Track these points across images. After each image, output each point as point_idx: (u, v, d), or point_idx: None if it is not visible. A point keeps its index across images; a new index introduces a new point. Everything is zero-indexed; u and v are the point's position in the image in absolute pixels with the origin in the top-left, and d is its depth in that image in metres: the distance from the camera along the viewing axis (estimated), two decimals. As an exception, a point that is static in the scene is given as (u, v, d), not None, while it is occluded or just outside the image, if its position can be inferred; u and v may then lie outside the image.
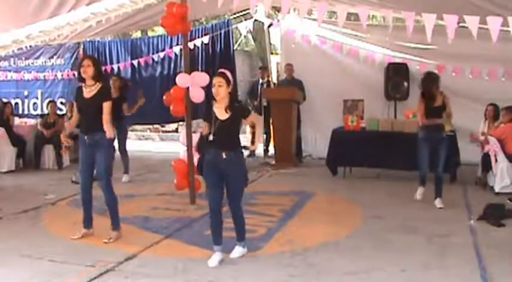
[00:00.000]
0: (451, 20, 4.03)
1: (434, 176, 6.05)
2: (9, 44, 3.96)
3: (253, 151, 9.75)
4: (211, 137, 4.09)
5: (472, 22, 3.94)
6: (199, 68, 9.95)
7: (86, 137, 4.71)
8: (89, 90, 4.73)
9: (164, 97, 6.24)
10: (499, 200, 6.02)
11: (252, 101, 10.36)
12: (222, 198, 4.18)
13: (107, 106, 4.72)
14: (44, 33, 4.01)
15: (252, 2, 4.65)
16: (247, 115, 4.28)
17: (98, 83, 4.73)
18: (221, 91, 4.08)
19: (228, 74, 4.16)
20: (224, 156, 4.06)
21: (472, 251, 4.43)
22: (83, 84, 4.78)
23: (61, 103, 11.17)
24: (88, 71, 4.68)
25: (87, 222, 4.88)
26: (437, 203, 5.97)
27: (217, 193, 4.13)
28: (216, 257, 4.13)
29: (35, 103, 11.59)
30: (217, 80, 4.10)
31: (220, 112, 4.10)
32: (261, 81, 10.14)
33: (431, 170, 6.07)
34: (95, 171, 4.84)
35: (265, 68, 10.66)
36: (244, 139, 11.75)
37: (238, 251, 4.27)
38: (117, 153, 7.63)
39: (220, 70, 4.25)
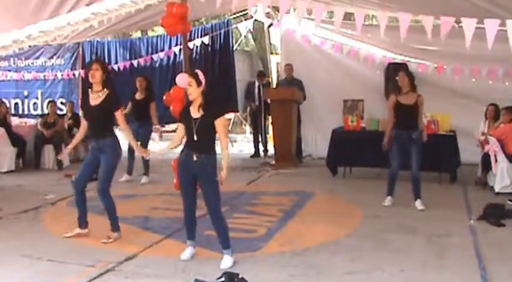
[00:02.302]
0: (446, 23, 4.02)
1: (410, 176, 5.95)
2: (9, 44, 3.95)
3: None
4: (194, 137, 4.03)
5: (469, 25, 3.93)
6: (199, 68, 9.95)
7: (93, 141, 4.73)
8: (96, 97, 4.66)
9: (164, 97, 6.25)
10: (499, 200, 6.02)
11: (248, 103, 10.38)
12: (195, 198, 4.19)
13: (119, 116, 4.72)
14: (44, 34, 4.00)
15: (250, 1, 4.65)
16: (219, 116, 4.07)
17: (105, 89, 4.65)
18: (191, 91, 4.06)
19: (200, 74, 4.11)
20: (195, 158, 4.04)
21: (472, 251, 4.43)
22: (90, 90, 4.72)
23: (61, 103, 11.19)
24: (96, 75, 4.60)
25: (82, 222, 4.87)
26: (418, 204, 5.89)
27: (189, 193, 4.15)
28: (188, 251, 4.23)
29: (35, 103, 11.61)
30: (187, 80, 4.12)
31: (194, 111, 4.10)
32: (257, 83, 10.13)
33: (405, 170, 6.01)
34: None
35: (263, 74, 10.59)
36: (245, 139, 11.81)
37: (227, 260, 4.08)
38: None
39: (195, 70, 4.22)
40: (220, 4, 4.39)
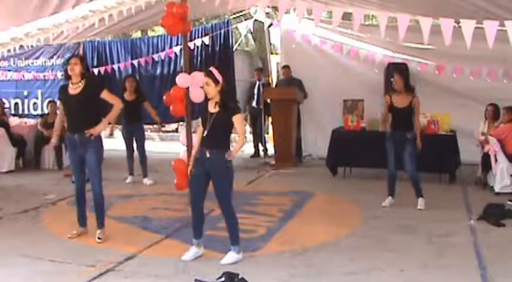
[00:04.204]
0: (447, 24, 4.03)
1: (408, 177, 5.96)
2: (8, 41, 3.95)
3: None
4: (204, 133, 4.12)
5: (468, 27, 3.93)
6: (199, 68, 9.96)
7: (75, 136, 4.66)
8: (75, 87, 4.68)
9: (164, 97, 6.24)
10: (499, 200, 6.02)
11: (248, 103, 10.38)
12: (204, 194, 4.21)
13: (106, 94, 4.72)
14: (42, 31, 4.01)
15: (248, 2, 4.66)
16: (236, 112, 4.11)
17: (83, 80, 4.69)
18: (209, 90, 4.10)
19: (216, 72, 4.11)
20: (208, 154, 4.08)
21: (472, 251, 4.43)
22: (69, 82, 4.74)
23: (61, 103, 11.15)
24: (75, 68, 4.65)
25: (83, 221, 4.93)
26: (419, 203, 5.88)
27: (198, 189, 4.18)
28: (192, 251, 4.25)
29: (35, 103, 11.58)
30: (205, 81, 4.12)
31: (211, 107, 4.15)
32: (257, 83, 10.13)
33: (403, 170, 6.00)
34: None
35: (260, 70, 10.64)
36: (245, 139, 11.78)
37: (230, 256, 4.16)
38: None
39: (209, 69, 4.21)
40: (220, 4, 4.39)
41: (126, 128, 7.53)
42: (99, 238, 4.74)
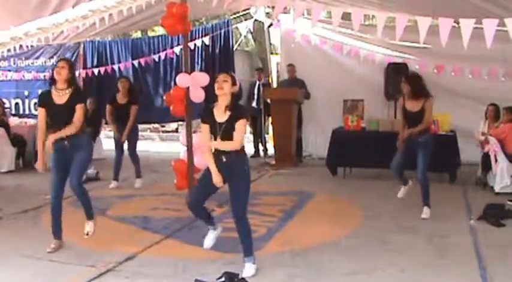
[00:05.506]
0: (445, 24, 4.03)
1: (418, 180, 5.77)
2: (7, 41, 3.94)
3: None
4: (216, 145, 3.86)
5: (467, 26, 3.93)
6: (199, 68, 9.98)
7: (65, 142, 4.44)
8: (61, 95, 4.42)
9: (164, 97, 6.24)
10: (499, 200, 6.01)
11: (248, 103, 10.38)
12: (205, 199, 4.02)
13: (79, 109, 4.42)
14: (42, 31, 4.00)
15: (244, 2, 4.65)
16: (242, 117, 3.85)
17: (70, 88, 4.43)
18: (226, 86, 3.81)
19: (234, 76, 3.97)
20: (224, 159, 3.84)
21: (472, 251, 4.43)
22: (53, 88, 4.46)
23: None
24: (62, 72, 4.37)
25: (58, 232, 4.56)
26: (424, 212, 5.54)
27: (204, 192, 3.98)
28: (209, 236, 4.18)
29: (35, 103, 11.59)
30: (223, 76, 3.86)
31: (219, 114, 3.84)
32: (257, 83, 10.13)
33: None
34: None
35: (261, 70, 10.65)
36: (246, 140, 11.80)
37: (249, 269, 3.87)
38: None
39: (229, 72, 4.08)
40: (217, 4, 4.39)
41: (119, 130, 7.19)
42: (87, 233, 4.59)
